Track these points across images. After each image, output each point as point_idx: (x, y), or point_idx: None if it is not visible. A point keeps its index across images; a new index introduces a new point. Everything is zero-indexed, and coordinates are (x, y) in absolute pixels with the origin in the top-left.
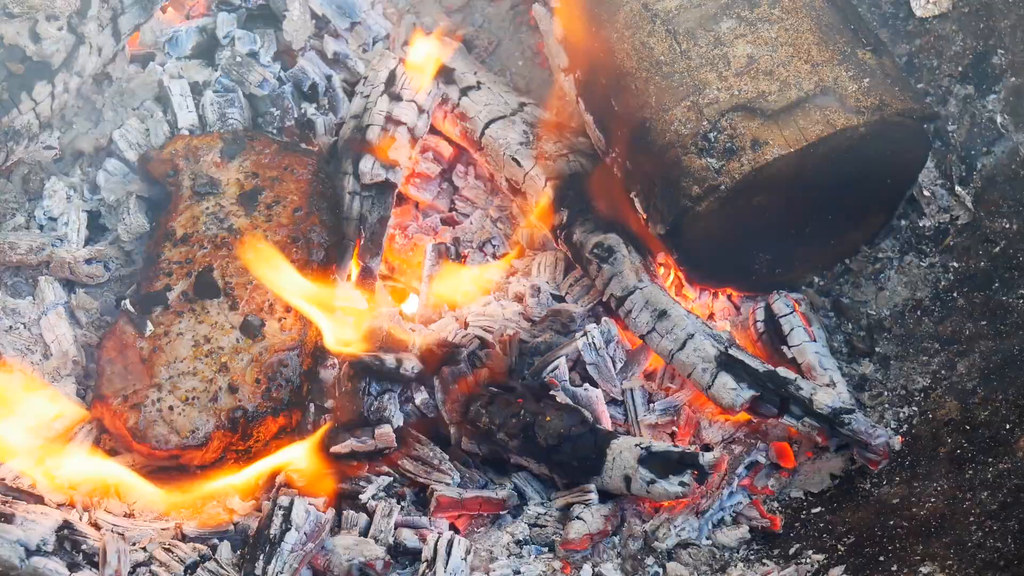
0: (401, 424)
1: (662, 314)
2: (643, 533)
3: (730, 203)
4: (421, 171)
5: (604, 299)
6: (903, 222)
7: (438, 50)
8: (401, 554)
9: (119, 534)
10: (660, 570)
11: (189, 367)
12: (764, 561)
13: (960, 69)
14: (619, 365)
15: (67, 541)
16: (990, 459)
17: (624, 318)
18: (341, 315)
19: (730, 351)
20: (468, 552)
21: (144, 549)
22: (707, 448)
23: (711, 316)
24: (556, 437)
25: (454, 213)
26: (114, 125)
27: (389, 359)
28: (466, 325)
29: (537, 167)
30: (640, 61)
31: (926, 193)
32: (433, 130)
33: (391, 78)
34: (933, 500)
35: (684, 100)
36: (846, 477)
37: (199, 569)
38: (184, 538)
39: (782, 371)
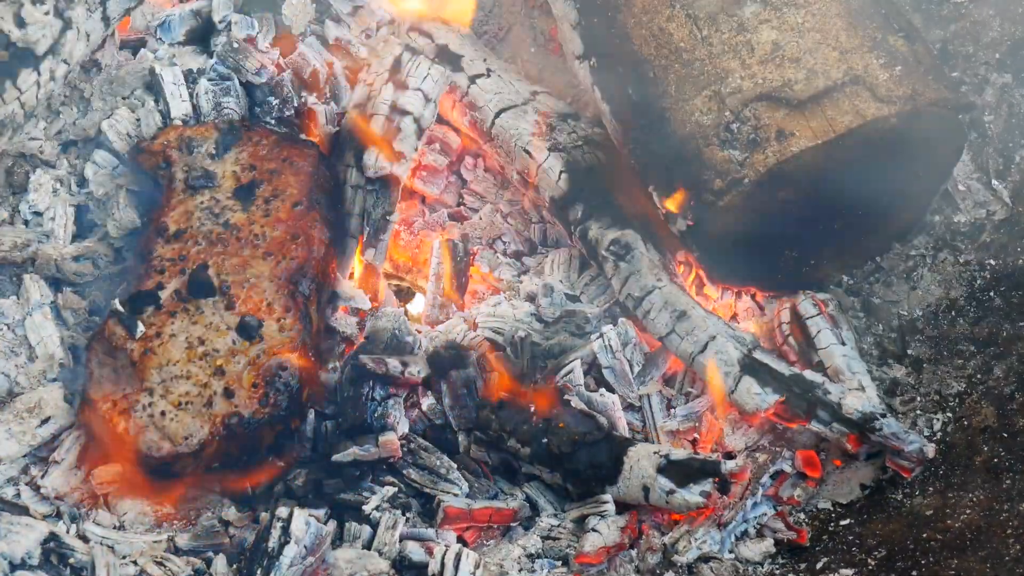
0: (406, 431)
1: (682, 315)
2: (662, 546)
3: (754, 197)
4: (428, 163)
5: (621, 299)
6: (937, 218)
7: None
8: (406, 568)
9: (108, 547)
10: None
11: (182, 370)
12: None
13: (997, 56)
14: (636, 369)
15: (53, 554)
16: None
17: (642, 319)
18: None
19: (754, 354)
20: (477, 566)
21: (135, 563)
22: (730, 456)
23: (734, 317)
24: (570, 445)
25: (462, 208)
26: (103, 115)
27: (393, 363)
28: (475, 326)
29: (550, 159)
30: (659, 48)
31: (961, 187)
32: (440, 120)
33: (396, 65)
34: (968, 511)
35: (705, 89)
36: (876, 487)
37: None
38: (177, 551)
39: (809, 374)
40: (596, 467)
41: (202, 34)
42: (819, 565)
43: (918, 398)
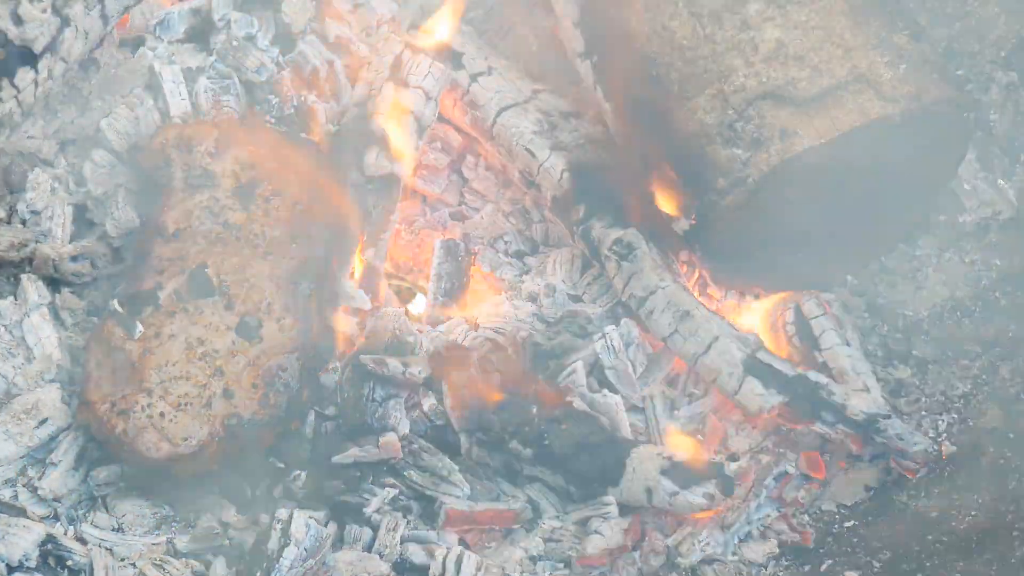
0: (407, 432)
1: (685, 315)
2: (665, 548)
3: (758, 197)
4: (428, 162)
5: (624, 299)
6: (942, 217)
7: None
8: (407, 571)
9: (107, 549)
10: None
11: (181, 371)
12: None
13: (1003, 54)
14: (639, 369)
15: (51, 556)
16: None
17: (645, 319)
18: None
19: (758, 355)
20: (479, 568)
21: (133, 565)
22: (733, 458)
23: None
24: (572, 446)
25: (464, 207)
26: (102, 113)
27: (394, 363)
28: (477, 327)
29: (552, 158)
30: (662, 46)
31: (966, 186)
32: (441, 118)
33: (397, 63)
34: (974, 513)
35: (709, 87)
36: (881, 488)
37: None
38: (176, 553)
39: (813, 375)
40: (599, 469)
41: (201, 32)
42: (823, 567)
43: (923, 399)
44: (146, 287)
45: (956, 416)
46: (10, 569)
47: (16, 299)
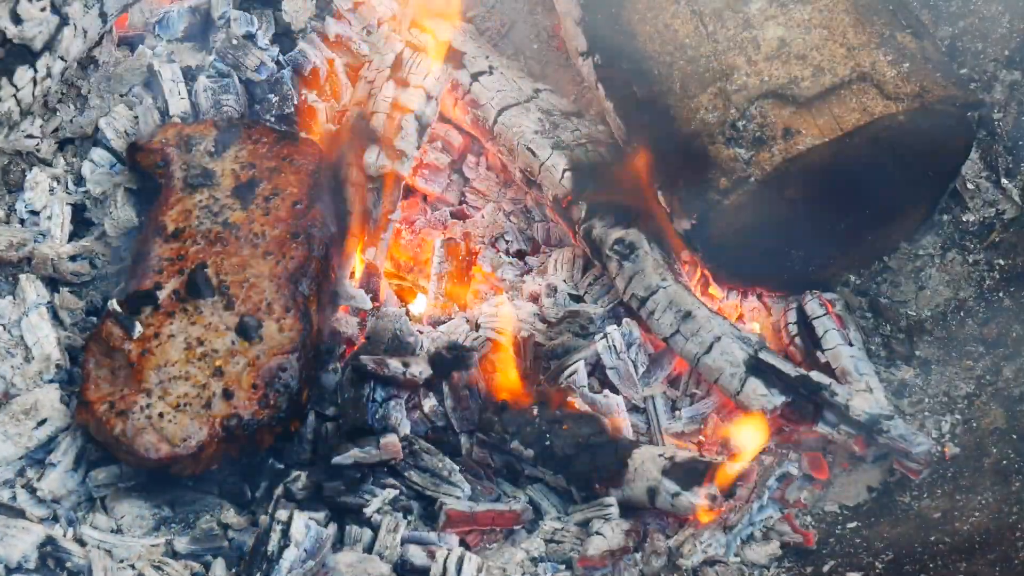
0: (408, 433)
1: (687, 315)
2: (667, 549)
3: (760, 196)
4: (429, 162)
5: (625, 299)
6: (945, 217)
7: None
8: (408, 572)
9: (106, 551)
10: None
11: (181, 371)
12: None
13: (1006, 53)
14: (641, 370)
15: (50, 558)
16: None
17: (646, 320)
18: None
19: (760, 355)
20: (480, 570)
21: (132, 567)
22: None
23: (739, 318)
24: (574, 447)
25: (464, 206)
26: (100, 112)
27: (394, 363)
28: (477, 327)
29: (553, 157)
30: (663, 44)
31: (970, 186)
32: (442, 118)
33: (397, 62)
34: (977, 514)
35: (711, 86)
36: (884, 489)
37: None
38: (175, 555)
39: (816, 376)
40: (600, 470)
41: (201, 31)
42: (826, 568)
43: (926, 399)
44: (145, 287)
45: (959, 417)
46: (9, 570)
47: (15, 299)
